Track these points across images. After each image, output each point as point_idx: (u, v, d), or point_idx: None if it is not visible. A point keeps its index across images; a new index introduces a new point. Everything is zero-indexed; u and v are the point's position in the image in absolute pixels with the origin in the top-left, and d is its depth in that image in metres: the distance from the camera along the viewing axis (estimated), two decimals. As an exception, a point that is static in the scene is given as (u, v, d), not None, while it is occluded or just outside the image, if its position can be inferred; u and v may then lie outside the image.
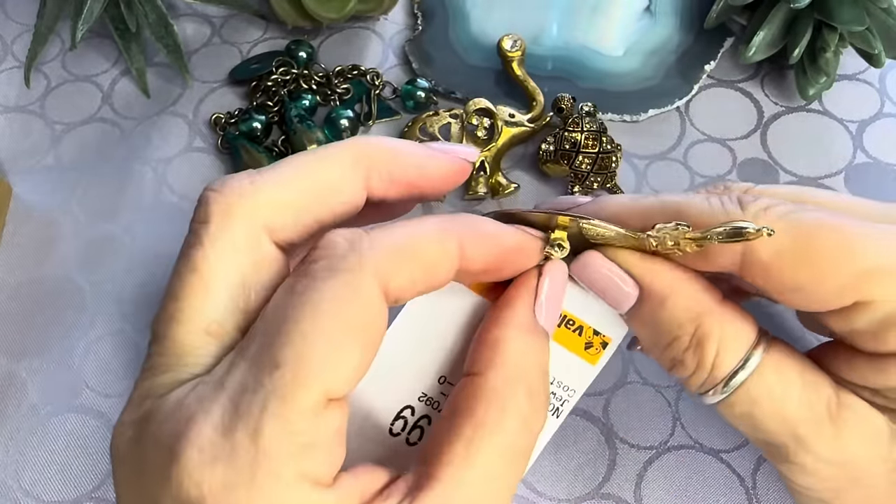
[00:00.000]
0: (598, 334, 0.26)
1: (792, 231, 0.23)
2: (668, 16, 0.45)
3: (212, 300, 0.22)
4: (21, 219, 0.41)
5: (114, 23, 0.44)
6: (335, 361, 0.20)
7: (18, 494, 0.34)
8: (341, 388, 0.21)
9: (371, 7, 0.46)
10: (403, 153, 0.25)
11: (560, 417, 0.26)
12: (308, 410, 0.20)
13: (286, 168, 0.23)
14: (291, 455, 0.20)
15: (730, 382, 0.24)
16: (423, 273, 0.22)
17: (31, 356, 0.37)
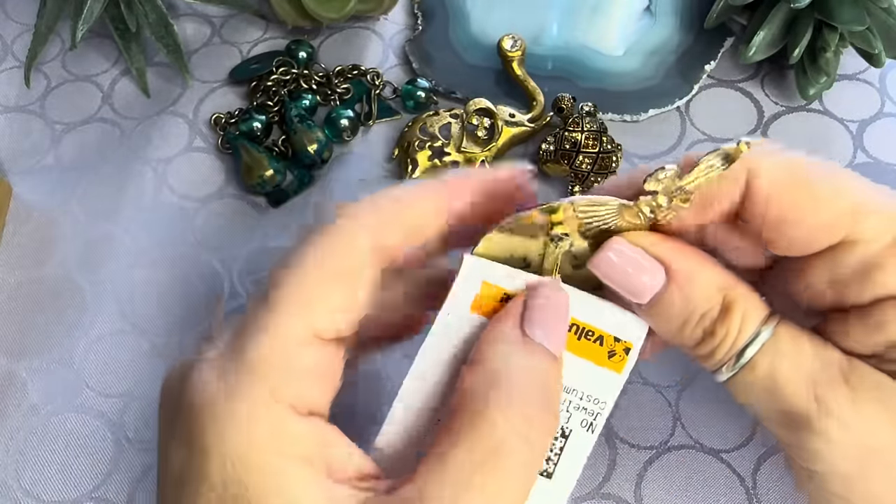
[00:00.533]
0: (619, 341, 0.26)
1: (790, 167, 0.24)
2: (668, 16, 0.45)
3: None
4: (21, 219, 0.41)
5: (114, 23, 0.44)
6: (318, 299, 0.23)
7: (18, 494, 0.34)
8: (325, 324, 0.23)
9: (371, 7, 0.46)
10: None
11: (594, 432, 0.26)
12: (289, 340, 0.22)
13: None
14: (266, 375, 0.22)
15: (751, 347, 0.24)
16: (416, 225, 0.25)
17: (31, 356, 0.37)
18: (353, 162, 0.42)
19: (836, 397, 0.24)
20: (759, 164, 0.24)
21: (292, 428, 0.22)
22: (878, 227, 0.24)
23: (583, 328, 0.26)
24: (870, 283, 0.24)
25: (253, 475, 0.21)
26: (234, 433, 0.22)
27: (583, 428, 0.26)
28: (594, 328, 0.26)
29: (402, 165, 0.41)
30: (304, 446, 0.22)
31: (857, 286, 0.24)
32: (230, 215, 0.41)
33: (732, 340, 0.25)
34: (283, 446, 0.22)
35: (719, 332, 0.25)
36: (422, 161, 0.40)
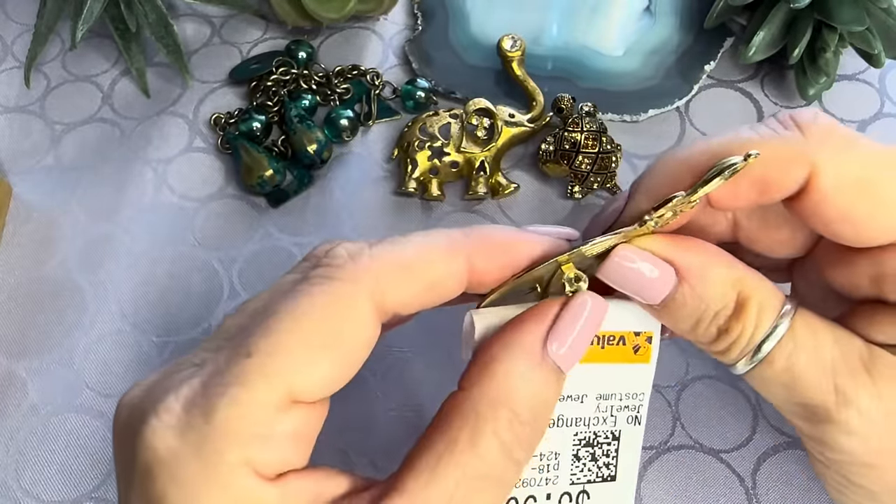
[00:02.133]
0: (639, 334, 0.26)
1: (856, 166, 0.23)
2: (668, 16, 0.45)
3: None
4: (21, 219, 0.41)
5: (114, 23, 0.44)
6: (304, 364, 0.21)
7: (18, 494, 0.34)
8: (308, 392, 0.21)
9: (371, 7, 0.46)
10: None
11: (641, 423, 0.26)
12: (267, 404, 0.20)
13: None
14: (239, 441, 0.20)
15: (768, 340, 0.24)
16: (426, 289, 0.23)
17: (31, 356, 0.37)
18: (353, 162, 0.42)
19: (856, 387, 0.23)
20: (825, 163, 0.23)
21: (266, 494, 0.21)
22: None
23: (603, 336, 0.25)
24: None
25: None
26: (201, 501, 0.20)
27: (630, 424, 0.26)
28: (614, 333, 0.26)
29: (402, 165, 0.41)
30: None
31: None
32: (230, 215, 0.41)
33: (749, 336, 0.24)
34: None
35: (734, 329, 0.24)
36: (421, 161, 0.40)
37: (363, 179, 0.41)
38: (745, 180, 0.24)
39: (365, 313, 0.22)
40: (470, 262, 0.23)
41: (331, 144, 0.42)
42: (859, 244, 0.24)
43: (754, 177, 0.23)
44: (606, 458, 0.26)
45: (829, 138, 0.23)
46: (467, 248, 0.23)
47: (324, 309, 0.21)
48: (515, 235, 0.25)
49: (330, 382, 0.22)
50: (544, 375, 0.23)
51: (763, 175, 0.23)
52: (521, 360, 0.23)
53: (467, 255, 0.23)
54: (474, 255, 0.23)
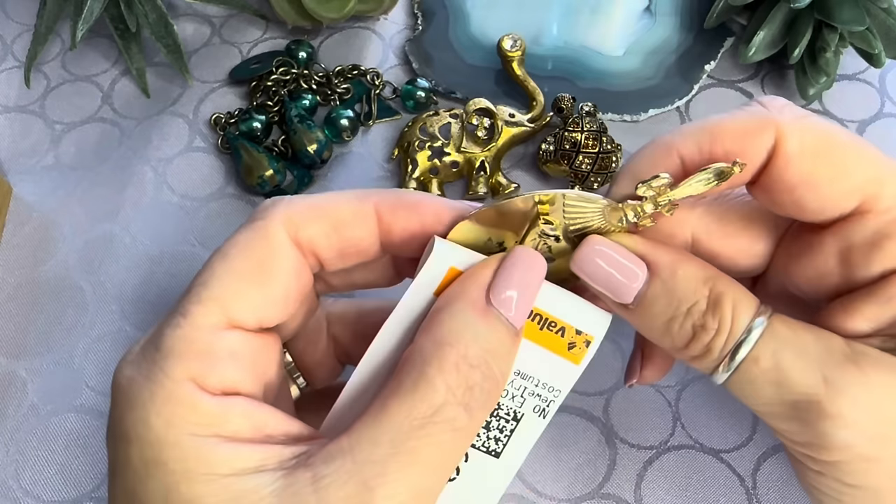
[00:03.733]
0: (580, 333, 0.26)
1: (819, 131, 0.24)
2: (668, 16, 0.45)
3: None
4: (21, 219, 0.41)
5: (114, 23, 0.44)
6: (234, 289, 0.24)
7: (18, 494, 0.34)
8: (241, 314, 0.24)
9: (371, 7, 0.46)
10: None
11: (546, 418, 0.26)
12: (205, 326, 0.23)
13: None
14: (182, 359, 0.23)
15: (746, 340, 0.24)
16: (337, 230, 0.25)
17: (31, 356, 0.37)
18: (353, 162, 0.42)
19: (845, 375, 0.23)
20: (789, 128, 0.24)
21: (207, 404, 0.22)
22: (891, 200, 0.24)
23: (546, 318, 0.26)
24: (880, 254, 0.24)
25: (169, 452, 0.22)
26: (149, 416, 0.22)
27: (535, 413, 0.26)
28: (557, 319, 0.26)
29: (402, 165, 0.41)
30: (218, 419, 0.22)
31: (866, 257, 0.24)
32: (230, 215, 0.41)
33: (727, 334, 0.24)
34: (197, 422, 0.22)
35: (710, 326, 0.24)
36: (422, 161, 0.40)
37: (363, 179, 0.41)
38: (721, 152, 0.24)
39: (281, 243, 0.24)
40: (378, 211, 0.25)
41: (331, 144, 0.42)
42: (822, 214, 0.24)
43: (729, 148, 0.24)
44: (499, 433, 0.26)
45: (790, 110, 0.25)
46: (375, 198, 0.25)
47: (245, 243, 0.24)
48: (426, 197, 0.26)
49: (261, 307, 0.24)
50: (490, 324, 0.23)
51: (735, 144, 0.24)
52: (465, 307, 0.23)
53: (375, 204, 0.25)
54: (382, 206, 0.25)
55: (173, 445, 0.22)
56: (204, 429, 0.22)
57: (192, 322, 0.23)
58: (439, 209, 0.25)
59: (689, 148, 0.25)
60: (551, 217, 0.25)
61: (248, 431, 0.23)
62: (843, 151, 0.24)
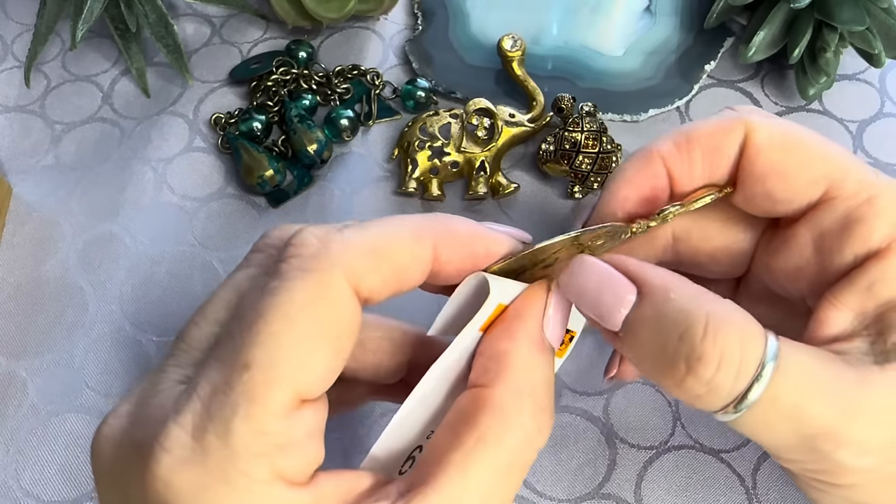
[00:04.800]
0: (568, 331, 0.26)
1: (784, 128, 0.26)
2: (668, 16, 0.45)
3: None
4: (21, 219, 0.41)
5: (114, 23, 0.44)
6: (306, 362, 0.20)
7: (18, 494, 0.34)
8: (313, 388, 0.21)
9: (371, 7, 0.46)
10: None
11: None
12: (279, 411, 0.20)
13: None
14: (263, 455, 0.20)
15: (761, 377, 0.21)
16: (395, 274, 0.23)
17: (31, 356, 0.37)
18: (353, 162, 0.42)
19: (858, 400, 0.22)
20: (758, 123, 0.26)
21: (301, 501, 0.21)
22: (855, 186, 0.25)
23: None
24: (850, 238, 0.24)
25: None
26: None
27: None
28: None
29: (402, 165, 0.41)
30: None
31: (838, 242, 0.25)
32: (230, 215, 0.41)
33: (735, 368, 0.21)
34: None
35: (709, 357, 0.21)
36: (422, 161, 0.40)
37: (363, 179, 0.41)
38: (698, 150, 0.26)
39: (348, 299, 0.21)
40: (435, 250, 0.23)
41: (331, 144, 0.42)
42: (792, 203, 0.26)
43: (705, 145, 0.26)
44: None
45: (759, 112, 0.27)
46: (433, 235, 0.23)
47: (308, 302, 0.21)
48: (480, 229, 0.25)
49: (329, 374, 0.21)
50: (548, 359, 0.24)
51: (710, 141, 0.26)
52: (532, 349, 0.24)
53: (433, 243, 0.23)
54: (440, 243, 0.23)
55: None
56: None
57: (265, 411, 0.20)
58: (491, 245, 0.25)
59: (668, 148, 0.26)
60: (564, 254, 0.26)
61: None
62: (807, 144, 0.26)
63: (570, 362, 0.36)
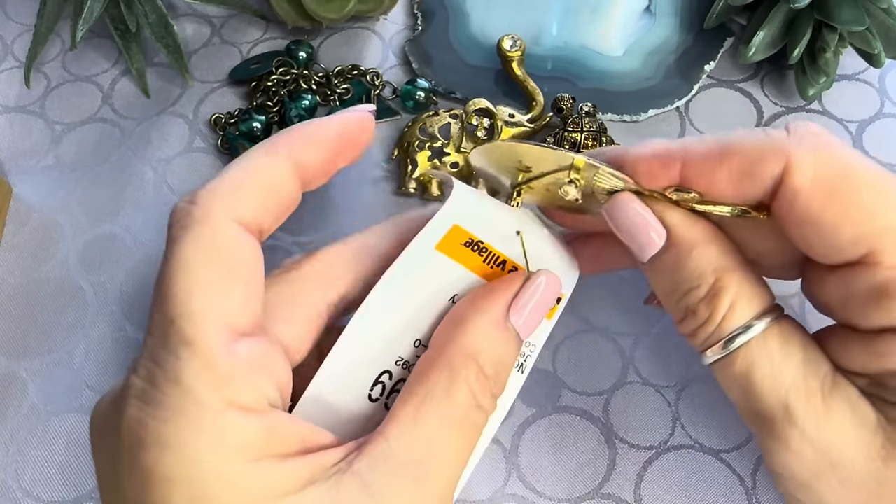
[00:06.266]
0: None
1: (834, 164, 0.23)
2: (668, 16, 0.45)
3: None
4: (21, 219, 0.41)
5: (114, 23, 0.44)
6: (218, 298, 0.22)
7: (18, 494, 0.34)
8: (238, 319, 0.23)
9: (371, 7, 0.46)
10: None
11: (524, 372, 0.28)
12: (215, 346, 0.22)
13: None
14: (211, 386, 0.22)
15: (734, 340, 0.25)
16: (267, 195, 0.24)
17: (31, 356, 0.37)
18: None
19: (807, 409, 0.24)
20: (801, 160, 0.23)
21: (254, 427, 0.22)
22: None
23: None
24: (879, 311, 0.23)
25: (222, 485, 0.21)
26: (197, 452, 0.21)
27: (515, 370, 0.27)
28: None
29: (402, 165, 0.41)
30: (267, 441, 0.22)
31: (866, 310, 0.23)
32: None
33: (715, 326, 0.25)
34: (249, 448, 0.22)
35: (701, 314, 0.25)
36: (421, 161, 0.40)
37: (363, 179, 0.41)
38: (724, 171, 0.25)
39: (233, 233, 0.23)
40: (293, 158, 0.25)
41: (331, 144, 0.42)
42: (827, 258, 0.24)
43: (733, 167, 0.24)
44: None
45: (812, 139, 0.24)
46: (285, 145, 0.25)
47: (199, 249, 0.23)
48: (325, 121, 0.26)
49: (247, 301, 0.23)
50: (505, 339, 0.26)
51: (742, 166, 0.24)
52: (489, 323, 0.25)
53: (287, 152, 0.25)
54: (294, 150, 0.25)
55: (227, 477, 0.21)
56: (257, 453, 0.22)
57: (201, 346, 0.22)
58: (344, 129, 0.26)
59: (697, 154, 0.25)
60: (580, 176, 0.27)
61: (296, 446, 0.22)
62: (857, 193, 0.23)
63: (570, 362, 0.36)
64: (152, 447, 0.21)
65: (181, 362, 0.22)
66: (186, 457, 0.21)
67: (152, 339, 0.23)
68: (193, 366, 0.22)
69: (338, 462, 0.22)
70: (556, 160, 0.26)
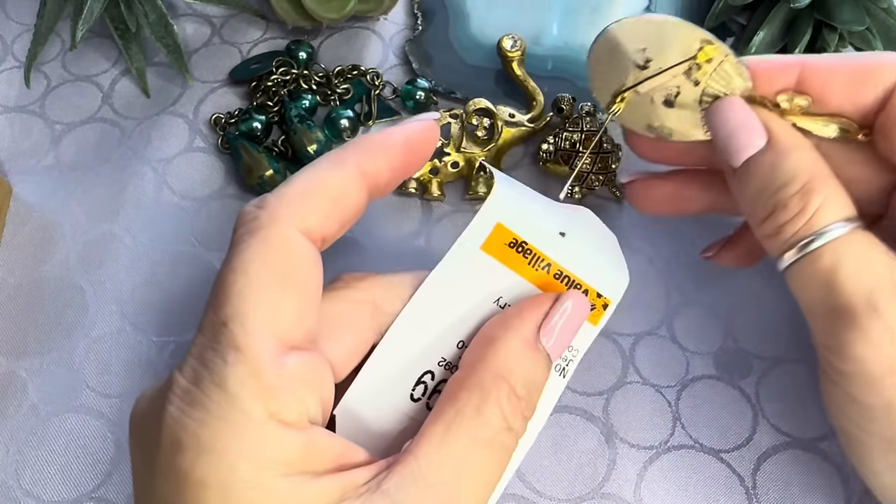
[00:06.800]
0: (600, 297, 0.27)
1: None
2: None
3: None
4: (21, 219, 0.41)
5: (114, 23, 0.44)
6: (274, 307, 0.22)
7: (18, 494, 0.34)
8: (291, 330, 0.23)
9: (371, 7, 0.46)
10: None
11: (566, 377, 0.27)
12: (265, 355, 0.22)
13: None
14: (256, 396, 0.22)
15: (823, 236, 0.26)
16: (334, 205, 0.25)
17: (31, 356, 0.37)
18: (353, 162, 0.42)
19: (891, 304, 0.25)
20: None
21: (294, 442, 0.22)
22: None
23: (573, 280, 0.27)
24: None
25: (257, 496, 0.21)
26: (235, 459, 0.21)
27: (556, 372, 0.27)
28: (582, 281, 0.27)
29: (402, 165, 0.41)
30: (305, 456, 0.22)
31: None
32: (230, 215, 0.41)
33: (806, 220, 0.26)
34: (286, 462, 0.22)
35: (792, 207, 0.26)
36: (422, 161, 0.40)
37: (363, 179, 0.41)
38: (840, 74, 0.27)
39: (297, 243, 0.24)
40: (360, 168, 0.25)
41: (331, 144, 0.42)
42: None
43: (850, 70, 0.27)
44: None
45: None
46: (353, 155, 0.25)
47: (261, 255, 0.23)
48: (395, 130, 0.27)
49: (302, 313, 0.23)
50: (536, 359, 0.26)
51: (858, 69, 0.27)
52: (520, 344, 0.25)
53: (355, 162, 0.25)
54: (362, 160, 0.25)
55: (262, 489, 0.21)
56: (293, 468, 0.22)
57: (249, 355, 0.22)
58: (412, 138, 0.26)
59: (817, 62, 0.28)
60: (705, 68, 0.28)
61: (330, 463, 0.23)
62: None
63: (570, 362, 0.36)
64: (190, 449, 0.21)
65: (228, 367, 0.22)
66: (223, 463, 0.21)
67: (203, 338, 0.23)
68: (240, 372, 0.22)
69: (368, 481, 0.22)
70: (687, 43, 0.27)
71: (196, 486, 0.21)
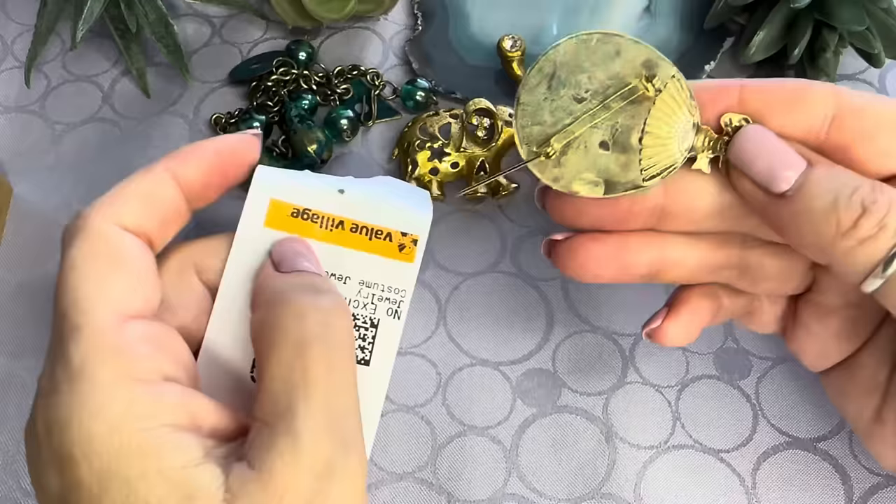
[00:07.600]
0: (405, 234, 0.28)
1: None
2: (668, 16, 0.45)
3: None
4: (21, 219, 0.41)
5: (114, 23, 0.44)
6: (107, 287, 0.24)
7: (18, 495, 0.34)
8: (126, 303, 0.24)
9: (371, 7, 0.46)
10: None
11: (401, 318, 0.28)
12: (104, 324, 0.23)
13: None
14: (102, 362, 0.23)
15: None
16: (144, 202, 0.27)
17: (31, 356, 0.37)
18: (353, 162, 0.42)
19: None
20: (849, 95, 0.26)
21: (144, 396, 0.23)
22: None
23: (371, 229, 0.28)
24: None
25: (119, 456, 0.22)
26: (89, 428, 0.22)
27: (389, 316, 0.28)
28: (382, 228, 0.28)
29: (402, 166, 0.41)
30: (158, 409, 0.23)
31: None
32: (230, 216, 0.41)
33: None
34: (141, 416, 0.23)
35: (882, 200, 0.24)
36: (421, 161, 0.40)
37: (363, 179, 0.42)
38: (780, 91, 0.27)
39: (118, 234, 0.25)
40: (170, 172, 0.27)
41: (331, 144, 0.42)
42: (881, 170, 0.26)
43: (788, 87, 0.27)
44: (362, 341, 0.28)
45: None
46: (165, 163, 0.27)
47: (84, 251, 0.25)
48: (204, 140, 0.28)
49: (135, 288, 0.25)
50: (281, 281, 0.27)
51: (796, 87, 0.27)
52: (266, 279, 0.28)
53: (164, 168, 0.27)
54: (174, 167, 0.27)
55: (121, 448, 0.22)
56: (149, 421, 0.23)
57: (89, 327, 0.23)
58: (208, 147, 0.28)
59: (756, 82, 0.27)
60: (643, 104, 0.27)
61: (187, 417, 0.23)
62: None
63: (570, 362, 0.36)
64: (54, 433, 0.23)
65: (71, 345, 0.23)
66: (81, 433, 0.22)
67: (51, 339, 0.24)
68: (82, 346, 0.23)
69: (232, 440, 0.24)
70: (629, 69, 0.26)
71: (69, 465, 0.22)
